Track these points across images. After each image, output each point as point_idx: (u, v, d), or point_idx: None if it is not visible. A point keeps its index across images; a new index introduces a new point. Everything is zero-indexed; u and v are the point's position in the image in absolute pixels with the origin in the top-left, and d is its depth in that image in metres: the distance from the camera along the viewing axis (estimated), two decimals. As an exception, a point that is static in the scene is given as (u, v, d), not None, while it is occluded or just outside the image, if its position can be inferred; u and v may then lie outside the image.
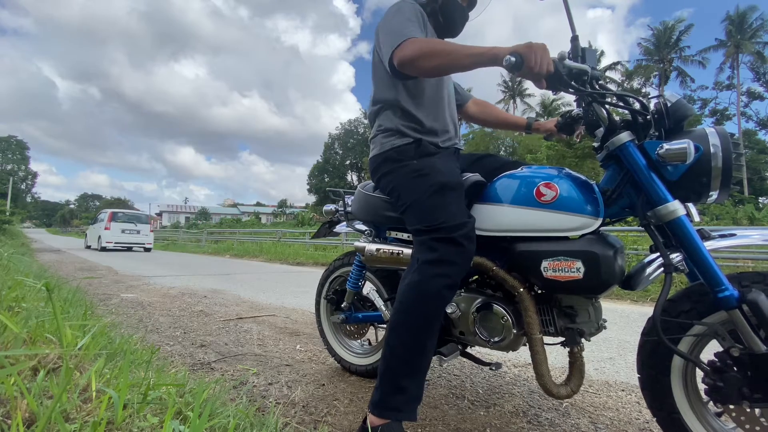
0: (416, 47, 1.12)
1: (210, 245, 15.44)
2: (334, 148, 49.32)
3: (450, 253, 1.11)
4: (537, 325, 1.13)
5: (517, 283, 1.16)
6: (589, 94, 1.06)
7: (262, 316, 3.06)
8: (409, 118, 1.32)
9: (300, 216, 27.13)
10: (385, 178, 1.34)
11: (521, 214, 1.15)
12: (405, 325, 1.13)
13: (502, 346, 1.22)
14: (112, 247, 12.79)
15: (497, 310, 1.20)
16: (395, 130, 1.32)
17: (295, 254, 10.04)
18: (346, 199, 1.75)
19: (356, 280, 1.70)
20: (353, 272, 1.70)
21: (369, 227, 1.56)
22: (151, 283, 4.89)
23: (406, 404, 1.09)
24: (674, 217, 0.96)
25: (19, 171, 74.52)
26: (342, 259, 1.86)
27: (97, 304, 3.17)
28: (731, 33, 32.18)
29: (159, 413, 0.96)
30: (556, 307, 1.18)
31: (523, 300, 1.14)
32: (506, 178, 1.24)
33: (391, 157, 1.31)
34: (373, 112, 1.42)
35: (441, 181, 1.20)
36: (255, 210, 67.15)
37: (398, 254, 1.38)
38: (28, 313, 1.51)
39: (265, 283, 5.33)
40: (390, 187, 1.32)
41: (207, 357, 1.98)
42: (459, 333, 1.32)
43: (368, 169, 1.44)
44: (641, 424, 1.38)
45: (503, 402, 1.54)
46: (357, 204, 1.58)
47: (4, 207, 15.07)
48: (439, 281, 1.11)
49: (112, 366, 1.20)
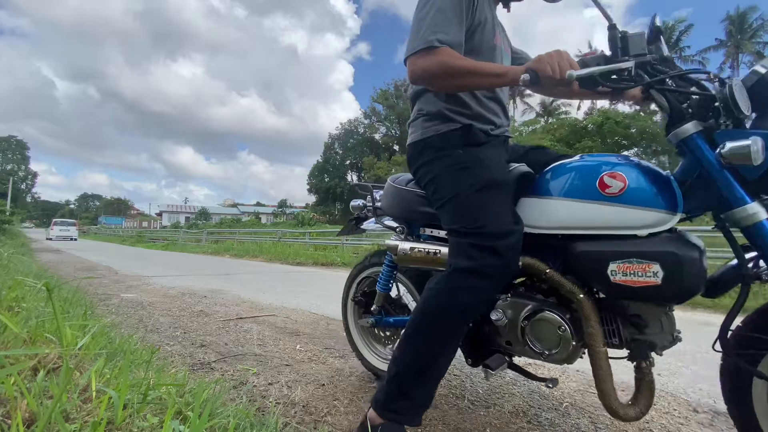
0: (435, 62, 1.01)
1: (210, 245, 15.43)
2: (334, 148, 49.32)
3: (488, 264, 0.98)
4: (601, 336, 0.98)
5: (575, 288, 1.01)
6: (646, 82, 0.91)
7: (262, 316, 3.05)
8: (454, 101, 1.16)
9: (300, 216, 27.14)
10: (424, 168, 1.20)
11: (581, 209, 1.00)
12: (422, 333, 1.05)
13: (558, 358, 1.07)
14: (54, 238, 22.76)
15: (552, 319, 1.05)
16: (439, 114, 1.17)
17: (295, 254, 10.03)
18: (375, 193, 1.61)
19: (386, 282, 1.56)
20: (383, 273, 1.56)
21: (400, 224, 1.42)
22: (151, 283, 4.88)
23: (409, 410, 1.05)
24: (753, 222, 0.82)
25: (19, 171, 74.53)
26: (370, 258, 1.72)
27: (97, 304, 3.17)
28: (731, 33, 32.20)
29: (159, 413, 0.96)
30: (620, 316, 1.02)
31: (584, 307, 0.99)
32: (561, 167, 1.08)
33: (433, 145, 1.17)
34: (413, 93, 1.27)
35: (486, 177, 1.07)
36: (255, 210, 67.16)
37: (435, 254, 1.24)
38: (28, 313, 1.51)
39: (265, 283, 5.33)
40: (428, 179, 1.19)
41: (207, 357, 1.97)
42: (505, 343, 1.17)
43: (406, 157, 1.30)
44: (641, 424, 1.38)
45: (503, 402, 1.54)
46: (387, 199, 1.44)
47: (4, 207, 15.05)
48: (470, 295, 1.00)
49: (112, 366, 1.20)
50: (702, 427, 1.39)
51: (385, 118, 47.50)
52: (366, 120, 48.92)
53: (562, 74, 0.89)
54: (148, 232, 30.08)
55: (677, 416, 1.46)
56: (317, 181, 48.44)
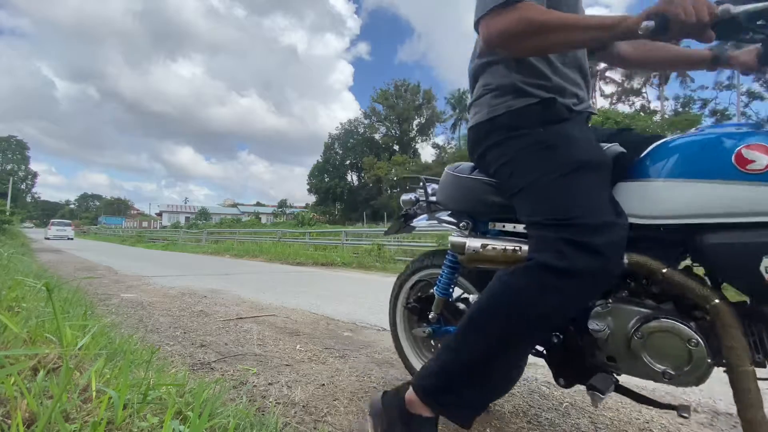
0: (516, 20, 0.84)
1: (210, 245, 15.44)
2: (334, 148, 49.41)
3: (584, 263, 0.80)
4: (747, 351, 0.78)
5: (708, 291, 0.81)
6: None
7: (262, 316, 3.05)
8: (530, 71, 0.98)
9: (300, 216, 27.19)
10: (494, 151, 1.02)
11: (714, 192, 0.80)
12: (480, 329, 0.89)
13: (686, 380, 0.87)
14: (52, 237, 24.54)
15: (679, 330, 0.84)
16: (511, 88, 0.99)
17: (295, 254, 10.04)
18: (428, 186, 1.44)
19: (447, 285, 1.36)
20: (443, 275, 1.35)
21: (463, 219, 1.23)
22: (151, 283, 4.88)
23: (456, 407, 0.91)
24: None
25: (19, 171, 74.58)
26: (424, 259, 1.53)
27: (97, 304, 3.17)
28: (731, 33, 32.12)
29: (159, 413, 0.96)
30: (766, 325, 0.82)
31: (723, 315, 0.79)
32: (675, 144, 0.89)
33: (505, 123, 0.99)
34: (475, 68, 1.10)
35: (578, 158, 0.89)
36: (255, 210, 67.24)
37: (514, 251, 1.02)
38: (28, 313, 1.51)
39: (265, 283, 5.32)
40: (500, 163, 1.00)
41: (207, 357, 1.97)
42: (607, 359, 0.96)
43: (467, 142, 1.16)
44: (641, 424, 1.38)
45: (503, 402, 1.54)
46: (447, 190, 1.27)
47: (5, 207, 15.07)
48: (557, 299, 0.82)
49: (112, 366, 1.20)
50: (702, 427, 1.39)
51: (385, 118, 47.57)
52: (366, 120, 49.04)
53: (701, 17, 0.70)
54: (148, 232, 30.11)
55: (677, 416, 1.46)
56: (317, 181, 48.52)
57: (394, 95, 46.64)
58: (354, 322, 2.92)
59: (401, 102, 46.38)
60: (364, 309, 3.43)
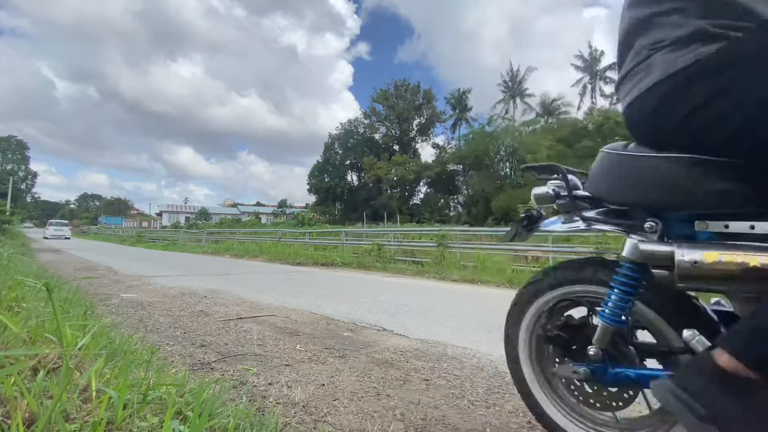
0: None
1: (210, 245, 15.44)
2: (334, 148, 49.40)
3: None
4: None
5: None
6: None
7: (262, 316, 3.05)
8: (720, 10, 0.74)
9: (300, 216, 27.21)
10: (712, 108, 0.73)
11: None
12: None
13: None
14: (50, 237, 25.56)
15: None
16: (699, 34, 0.75)
17: (295, 254, 10.04)
18: (570, 177, 1.07)
19: (619, 311, 0.97)
20: (615, 297, 0.96)
21: (640, 218, 0.92)
22: (151, 283, 4.89)
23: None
24: None
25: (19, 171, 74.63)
26: (566, 270, 1.12)
27: (97, 304, 3.17)
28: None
29: (159, 413, 0.96)
30: None
31: None
32: None
33: (710, 68, 0.73)
34: (631, 29, 0.88)
35: None
36: (255, 210, 67.23)
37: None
38: (28, 313, 1.52)
39: (265, 283, 5.33)
40: (729, 128, 0.72)
41: (207, 357, 1.98)
42: None
43: (629, 122, 0.91)
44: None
45: (503, 402, 1.54)
46: (612, 178, 0.96)
47: (4, 207, 15.07)
48: None
49: (112, 366, 1.20)
50: (702, 427, 1.39)
51: (385, 118, 47.57)
52: (366, 120, 49.04)
53: None
54: (148, 232, 30.13)
55: (677, 416, 1.45)
56: (317, 181, 48.52)
57: (394, 95, 46.64)
58: (354, 322, 2.92)
59: (401, 102, 46.37)
60: (364, 309, 3.43)
